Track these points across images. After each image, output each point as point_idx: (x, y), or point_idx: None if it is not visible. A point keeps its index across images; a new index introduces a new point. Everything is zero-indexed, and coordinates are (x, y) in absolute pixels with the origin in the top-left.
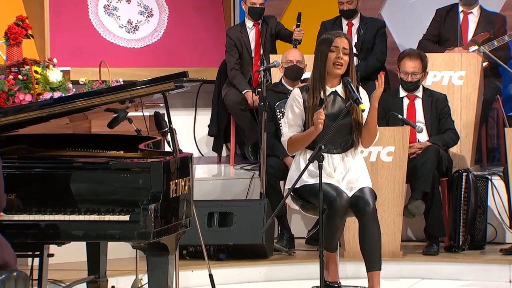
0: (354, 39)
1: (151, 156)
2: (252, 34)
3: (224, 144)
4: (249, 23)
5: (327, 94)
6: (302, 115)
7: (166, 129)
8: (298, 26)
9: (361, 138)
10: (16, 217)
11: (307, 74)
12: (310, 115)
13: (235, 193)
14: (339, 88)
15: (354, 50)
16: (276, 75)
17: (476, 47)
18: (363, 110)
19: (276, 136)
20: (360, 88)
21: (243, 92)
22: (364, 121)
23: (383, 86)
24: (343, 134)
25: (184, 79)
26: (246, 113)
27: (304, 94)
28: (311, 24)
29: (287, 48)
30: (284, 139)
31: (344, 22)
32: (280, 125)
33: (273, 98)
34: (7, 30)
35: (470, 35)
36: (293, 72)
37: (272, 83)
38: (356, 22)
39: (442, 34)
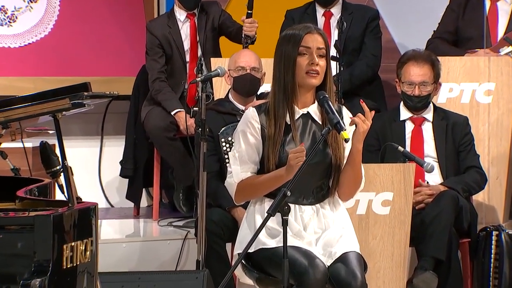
0: (334, 36)
1: (35, 207)
2: (185, 30)
3: (144, 190)
4: (180, 14)
5: (296, 117)
6: (259, 148)
7: (58, 167)
8: (249, 15)
9: (338, 186)
10: None
11: (265, 87)
12: (271, 148)
13: (161, 262)
14: (313, 109)
15: (334, 52)
16: (221, 88)
17: (510, 48)
18: (346, 140)
19: (221, 178)
20: (344, 109)
21: (172, 113)
22: (345, 160)
23: (371, 121)
24: (318, 176)
25: (85, 94)
26: (176, 144)
27: (263, 117)
28: (271, 13)
29: (236, 49)
30: (232, 181)
31: (320, 11)
32: (227, 161)
33: (217, 122)
34: None
35: (500, 32)
36: (246, 84)
37: (215, 99)
38: (336, 11)
39: (461, 30)
